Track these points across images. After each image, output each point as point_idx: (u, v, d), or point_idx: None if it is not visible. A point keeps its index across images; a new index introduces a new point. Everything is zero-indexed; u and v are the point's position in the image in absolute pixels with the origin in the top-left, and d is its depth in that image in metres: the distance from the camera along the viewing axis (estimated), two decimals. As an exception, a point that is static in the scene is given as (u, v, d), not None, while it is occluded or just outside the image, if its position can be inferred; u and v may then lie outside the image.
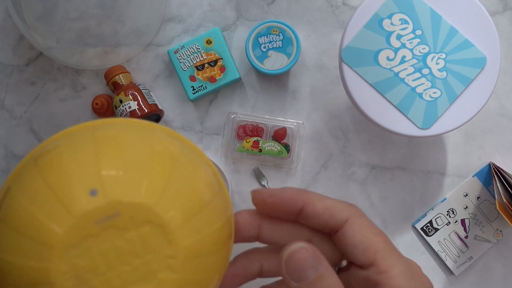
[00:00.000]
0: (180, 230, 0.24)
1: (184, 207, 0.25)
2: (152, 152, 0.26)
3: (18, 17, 0.52)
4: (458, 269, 0.56)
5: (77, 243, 0.23)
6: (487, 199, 0.56)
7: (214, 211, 0.27)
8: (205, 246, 0.26)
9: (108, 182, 0.24)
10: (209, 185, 0.28)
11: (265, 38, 0.54)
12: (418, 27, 0.46)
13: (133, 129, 0.28)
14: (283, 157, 0.55)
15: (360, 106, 0.46)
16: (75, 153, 0.25)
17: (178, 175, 0.26)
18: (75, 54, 0.55)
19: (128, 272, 0.24)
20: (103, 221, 0.23)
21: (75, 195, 0.23)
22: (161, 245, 0.24)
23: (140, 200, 0.24)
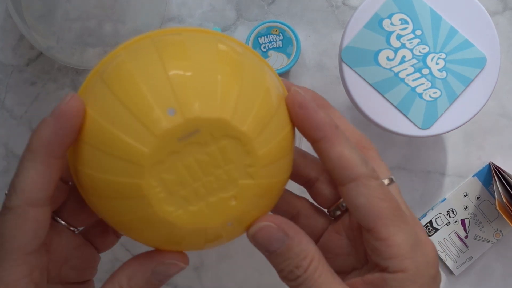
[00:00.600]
0: (255, 141, 0.26)
1: (257, 117, 0.27)
2: (219, 57, 0.27)
3: (18, 17, 0.52)
4: (458, 269, 0.56)
5: (163, 160, 0.25)
6: (487, 199, 0.56)
7: (282, 117, 0.29)
8: (277, 153, 0.28)
9: (183, 98, 0.25)
10: (275, 90, 0.29)
11: (265, 38, 0.54)
12: (418, 27, 0.46)
13: (194, 34, 0.29)
14: (283, 157, 0.55)
15: (360, 106, 0.46)
16: (141, 66, 0.26)
17: (248, 82, 0.27)
18: (75, 54, 0.55)
19: (212, 181, 0.26)
20: (185, 138, 0.25)
21: (154, 115, 0.24)
22: (240, 156, 0.26)
23: (217, 115, 0.25)
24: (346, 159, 0.28)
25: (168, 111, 0.25)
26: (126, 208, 0.27)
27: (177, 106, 0.25)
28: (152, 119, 0.25)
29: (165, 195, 0.26)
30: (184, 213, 0.26)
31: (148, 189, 0.25)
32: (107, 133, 0.25)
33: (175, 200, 0.26)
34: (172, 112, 0.25)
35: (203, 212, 0.27)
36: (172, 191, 0.26)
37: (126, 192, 0.26)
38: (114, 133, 0.25)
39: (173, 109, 0.25)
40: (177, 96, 0.25)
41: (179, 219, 0.26)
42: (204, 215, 0.27)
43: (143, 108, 0.25)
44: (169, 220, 0.26)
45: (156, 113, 0.25)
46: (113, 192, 0.26)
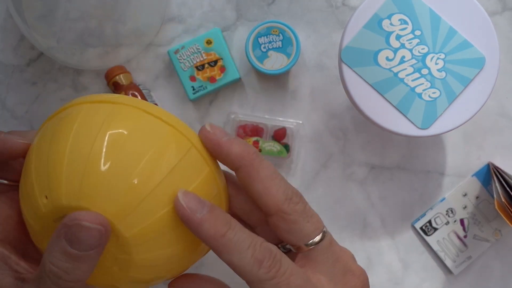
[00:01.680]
0: (120, 222, 0.27)
1: (122, 201, 0.28)
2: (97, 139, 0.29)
3: (18, 17, 0.52)
4: (457, 268, 0.56)
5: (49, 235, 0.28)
6: (486, 199, 0.56)
7: (158, 198, 0.29)
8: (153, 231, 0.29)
9: (54, 187, 0.28)
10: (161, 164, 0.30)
11: (265, 38, 0.54)
12: (418, 27, 0.46)
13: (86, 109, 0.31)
14: (283, 157, 0.55)
15: (360, 106, 0.46)
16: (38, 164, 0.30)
17: (118, 160, 0.28)
18: (76, 54, 0.55)
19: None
20: (59, 220, 0.27)
21: (36, 200, 0.29)
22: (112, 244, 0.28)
23: (76, 203, 0.27)
24: (266, 194, 0.32)
25: (45, 197, 0.28)
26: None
27: (48, 193, 0.27)
28: (35, 204, 0.28)
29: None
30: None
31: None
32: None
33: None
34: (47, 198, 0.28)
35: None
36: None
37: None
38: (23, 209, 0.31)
39: (46, 196, 0.28)
40: (50, 183, 0.28)
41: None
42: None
43: (31, 200, 0.29)
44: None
45: (37, 199, 0.28)
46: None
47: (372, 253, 0.57)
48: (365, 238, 0.57)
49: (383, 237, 0.57)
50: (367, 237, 0.57)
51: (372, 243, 0.57)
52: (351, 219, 0.57)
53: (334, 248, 0.34)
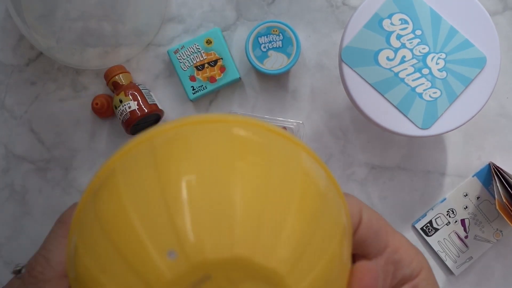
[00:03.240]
0: (290, 277, 0.18)
1: (290, 243, 0.18)
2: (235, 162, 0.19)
3: (18, 17, 0.52)
4: (458, 269, 0.56)
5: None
6: (487, 199, 0.56)
7: (328, 229, 0.21)
8: (325, 283, 0.20)
9: (185, 232, 0.18)
10: (319, 195, 0.21)
11: (265, 38, 0.54)
12: (418, 27, 0.46)
13: (207, 127, 0.21)
14: (283, 157, 0.55)
15: (360, 106, 0.46)
16: (135, 187, 0.19)
17: (275, 192, 0.19)
18: (75, 54, 0.55)
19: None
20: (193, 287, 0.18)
21: (150, 263, 0.18)
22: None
23: (233, 252, 0.18)
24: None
25: (168, 255, 0.18)
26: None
27: (178, 246, 0.18)
28: (147, 269, 0.18)
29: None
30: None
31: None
32: (95, 282, 0.19)
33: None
34: (173, 255, 0.18)
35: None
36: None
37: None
38: (103, 283, 0.19)
39: (174, 251, 0.18)
40: (178, 230, 0.18)
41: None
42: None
43: (136, 253, 0.18)
44: None
45: (153, 259, 0.18)
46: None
47: (373, 253, 0.57)
48: (366, 238, 0.57)
49: (384, 237, 0.57)
50: (368, 237, 0.57)
51: (372, 244, 0.57)
52: (351, 220, 0.57)
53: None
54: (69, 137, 0.58)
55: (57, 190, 0.58)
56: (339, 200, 0.22)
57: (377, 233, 0.28)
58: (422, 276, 0.30)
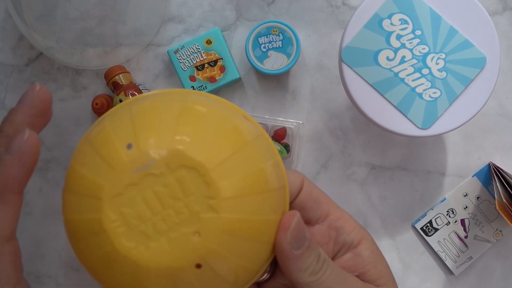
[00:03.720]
0: (215, 171, 0.25)
1: (215, 148, 0.26)
2: (182, 104, 0.28)
3: (18, 17, 0.52)
4: (457, 269, 0.56)
5: (121, 193, 0.25)
6: (487, 199, 0.56)
7: (255, 153, 0.28)
8: (246, 187, 0.26)
9: (141, 134, 0.26)
10: (245, 129, 0.29)
11: (265, 38, 0.54)
12: (418, 27, 0.46)
13: (170, 96, 0.30)
14: (283, 157, 0.55)
15: (360, 106, 0.46)
16: (115, 123, 0.27)
17: (207, 121, 0.27)
18: (75, 54, 0.55)
19: (172, 215, 0.25)
20: (141, 169, 0.25)
21: (114, 151, 0.26)
22: (199, 187, 0.25)
23: (171, 146, 0.25)
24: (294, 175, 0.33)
25: (127, 146, 0.25)
26: (92, 247, 0.26)
27: (134, 141, 0.25)
28: (111, 154, 0.26)
29: (124, 229, 0.25)
30: (145, 249, 0.25)
31: (107, 223, 0.25)
32: (77, 174, 0.27)
33: (135, 235, 0.25)
34: (130, 147, 0.25)
35: (165, 248, 0.25)
36: (132, 225, 0.25)
37: (90, 229, 0.26)
38: (82, 172, 0.26)
39: (131, 144, 0.25)
40: (136, 133, 0.26)
41: (140, 256, 0.25)
42: (166, 252, 0.25)
43: (107, 148, 0.26)
44: (130, 257, 0.25)
45: (116, 148, 0.26)
46: (81, 232, 0.26)
47: (373, 253, 0.57)
48: (366, 238, 0.57)
49: (384, 237, 0.57)
50: (368, 237, 0.57)
51: (372, 244, 0.57)
52: (351, 220, 0.57)
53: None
54: (69, 137, 0.58)
55: (57, 190, 0.58)
56: (268, 146, 0.30)
57: (317, 201, 0.32)
58: (364, 246, 0.33)
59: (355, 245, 0.33)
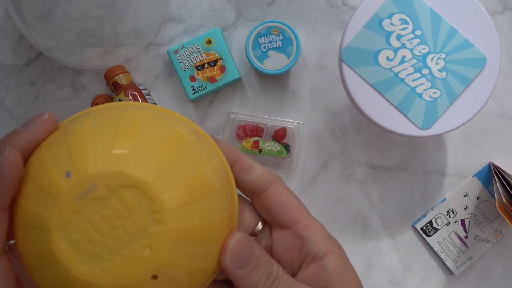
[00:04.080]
0: (155, 185, 0.26)
1: (154, 163, 0.27)
2: (117, 121, 0.28)
3: (18, 17, 0.52)
4: (458, 269, 0.56)
5: (68, 221, 0.26)
6: (487, 199, 0.56)
7: (195, 156, 0.28)
8: (190, 194, 0.27)
9: (78, 160, 0.26)
10: (183, 136, 0.29)
11: (265, 38, 0.54)
12: (418, 27, 0.46)
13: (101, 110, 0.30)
14: (283, 157, 0.55)
15: (360, 106, 0.46)
16: (51, 152, 0.28)
17: (144, 135, 0.28)
18: (75, 54, 0.55)
19: (122, 234, 0.26)
20: (83, 195, 0.26)
21: (54, 182, 0.26)
22: (143, 204, 0.26)
23: (108, 168, 0.26)
24: (259, 168, 0.32)
25: (66, 175, 0.26)
26: (50, 276, 0.27)
27: (72, 168, 0.26)
28: (51, 185, 0.26)
29: (77, 256, 0.26)
30: (101, 271, 0.26)
31: (59, 252, 0.26)
32: (22, 208, 0.27)
33: (88, 259, 0.26)
34: (69, 175, 0.26)
35: (120, 267, 0.26)
36: (83, 250, 0.26)
37: (44, 260, 0.26)
38: (26, 206, 0.26)
39: (69, 172, 0.26)
40: (73, 160, 0.26)
41: (98, 279, 0.26)
42: (122, 270, 0.26)
43: (46, 179, 0.26)
44: (89, 281, 0.26)
45: (55, 178, 0.26)
46: (36, 263, 0.27)
47: (373, 253, 0.57)
48: (366, 238, 0.57)
49: (384, 237, 0.57)
50: (368, 237, 0.57)
51: (372, 244, 0.57)
52: (351, 220, 0.57)
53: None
54: (69, 137, 0.58)
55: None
56: (209, 146, 0.31)
57: (284, 206, 0.32)
58: (329, 258, 0.32)
59: (321, 257, 0.32)
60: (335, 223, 0.57)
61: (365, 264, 0.57)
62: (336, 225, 0.57)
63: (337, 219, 0.57)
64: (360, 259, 0.57)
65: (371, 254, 0.57)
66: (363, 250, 0.57)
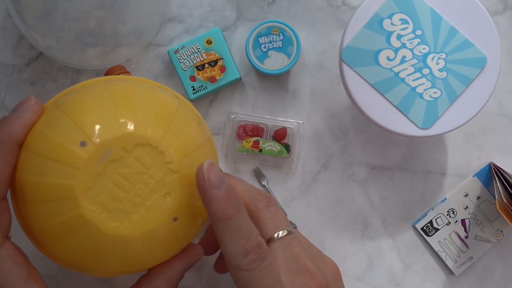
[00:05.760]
0: (163, 141, 0.30)
1: (158, 123, 0.31)
2: (114, 95, 0.32)
3: (18, 17, 0.52)
4: (458, 269, 0.56)
5: (93, 185, 0.28)
6: (487, 199, 0.56)
7: (183, 118, 0.33)
8: (189, 145, 0.32)
9: (89, 131, 0.29)
10: (171, 102, 0.34)
11: (265, 38, 0.54)
12: (418, 27, 0.46)
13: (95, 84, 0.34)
14: (283, 157, 0.55)
15: (360, 106, 0.46)
16: (56, 127, 0.30)
17: (140, 102, 0.32)
18: (75, 54, 0.55)
19: (142, 188, 0.29)
20: (102, 159, 0.28)
21: (71, 151, 0.29)
22: (156, 158, 0.30)
23: (121, 132, 0.29)
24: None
25: (81, 144, 0.28)
26: (82, 241, 0.30)
27: (86, 137, 0.29)
28: (69, 155, 0.28)
29: (106, 214, 0.29)
30: (129, 223, 0.29)
31: (90, 214, 0.29)
32: (38, 185, 0.30)
33: (117, 215, 0.29)
34: (84, 144, 0.28)
35: (145, 216, 0.30)
36: (111, 208, 0.29)
37: (74, 226, 0.29)
38: (42, 181, 0.29)
39: (84, 141, 0.28)
40: (84, 130, 0.29)
41: (127, 230, 0.29)
42: (148, 218, 0.30)
43: (59, 151, 0.29)
44: (121, 234, 0.29)
45: (70, 149, 0.29)
46: (64, 232, 0.30)
47: (373, 253, 0.57)
48: (366, 238, 0.57)
49: (384, 237, 0.57)
50: (368, 237, 0.57)
51: (372, 244, 0.57)
52: (351, 220, 0.57)
53: (294, 248, 0.36)
54: (69, 137, 0.58)
55: (57, 190, 0.58)
56: (187, 108, 0.35)
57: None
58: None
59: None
60: (335, 223, 0.57)
61: (365, 264, 0.57)
62: (336, 225, 0.57)
63: (337, 219, 0.57)
64: (360, 259, 0.57)
65: (371, 254, 0.57)
66: (363, 250, 0.57)
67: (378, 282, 0.57)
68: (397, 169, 0.57)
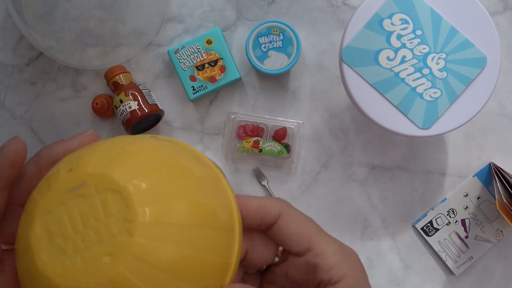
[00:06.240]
0: (138, 196, 0.26)
1: (149, 180, 0.27)
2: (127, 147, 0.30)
3: (18, 17, 0.52)
4: (458, 269, 0.56)
5: (52, 211, 0.27)
6: (487, 199, 0.56)
7: (195, 186, 0.28)
8: (171, 215, 0.26)
9: (81, 161, 0.28)
10: (182, 160, 0.30)
11: (265, 38, 0.54)
12: (419, 27, 0.46)
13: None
14: (283, 157, 0.55)
15: (360, 106, 0.46)
16: (68, 156, 0.30)
17: (141, 152, 0.29)
18: (75, 54, 0.55)
19: (91, 236, 0.26)
20: (73, 190, 0.27)
21: (57, 174, 0.28)
22: (120, 209, 0.26)
23: (102, 171, 0.27)
24: (263, 205, 0.32)
25: (69, 170, 0.27)
26: (23, 263, 0.28)
27: (75, 165, 0.28)
28: (54, 177, 0.28)
29: (47, 245, 0.27)
30: (60, 268, 0.26)
31: (34, 238, 0.27)
32: (30, 198, 0.29)
33: (55, 252, 0.26)
34: (70, 171, 0.27)
35: (77, 268, 0.26)
36: (54, 242, 0.27)
37: (22, 245, 0.28)
38: (32, 194, 0.29)
39: (72, 168, 0.27)
40: (79, 159, 0.28)
41: (55, 274, 0.26)
42: (78, 272, 0.26)
43: (54, 171, 0.29)
44: (46, 275, 0.26)
45: (59, 172, 0.28)
46: (18, 248, 0.28)
47: (373, 253, 0.57)
48: (366, 238, 0.57)
49: (384, 237, 0.57)
50: (368, 237, 0.57)
51: (372, 244, 0.57)
52: (351, 220, 0.57)
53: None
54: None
55: (57, 190, 0.58)
56: (220, 188, 0.30)
57: (293, 236, 0.32)
58: (342, 284, 0.31)
59: (333, 283, 0.32)
60: (335, 223, 0.57)
61: (365, 264, 0.57)
62: (336, 225, 0.57)
63: (337, 219, 0.57)
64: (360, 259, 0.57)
65: (371, 254, 0.57)
66: (363, 250, 0.57)
67: (378, 282, 0.57)
68: (397, 169, 0.57)
